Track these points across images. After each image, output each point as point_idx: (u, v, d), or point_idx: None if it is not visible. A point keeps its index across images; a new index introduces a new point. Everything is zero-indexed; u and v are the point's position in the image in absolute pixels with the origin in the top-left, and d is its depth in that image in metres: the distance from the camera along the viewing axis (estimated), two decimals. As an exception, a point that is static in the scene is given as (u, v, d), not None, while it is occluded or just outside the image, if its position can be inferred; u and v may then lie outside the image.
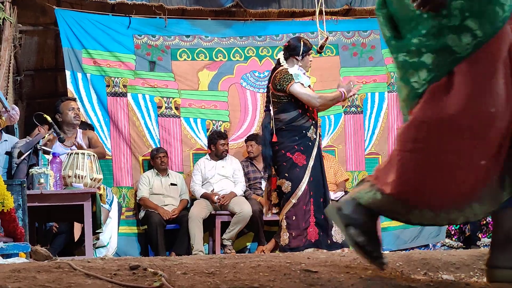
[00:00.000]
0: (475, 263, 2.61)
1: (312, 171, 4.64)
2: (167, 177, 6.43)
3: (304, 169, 4.61)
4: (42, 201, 4.34)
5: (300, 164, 4.63)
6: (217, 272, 2.22)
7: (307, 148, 4.66)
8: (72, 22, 6.51)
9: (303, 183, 4.59)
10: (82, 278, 2.17)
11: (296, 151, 4.64)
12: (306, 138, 4.67)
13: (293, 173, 4.63)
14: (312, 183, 4.63)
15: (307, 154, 4.64)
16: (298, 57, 4.76)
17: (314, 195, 4.62)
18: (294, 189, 4.60)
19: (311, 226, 4.57)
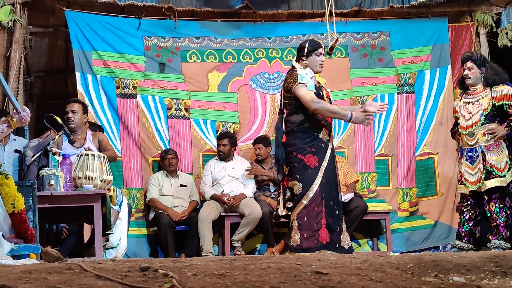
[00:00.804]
0: (486, 265, 2.59)
1: (325, 172, 4.63)
2: (176, 179, 6.43)
3: (316, 170, 4.60)
4: (52, 203, 4.35)
5: (312, 166, 4.62)
6: (228, 273, 2.22)
7: (319, 150, 4.65)
8: (82, 23, 6.53)
9: (315, 184, 4.59)
10: (93, 279, 2.18)
11: (308, 153, 4.64)
12: (318, 140, 4.66)
13: (305, 175, 4.64)
14: (325, 185, 4.62)
15: (320, 155, 4.63)
16: (304, 57, 4.79)
17: (325, 197, 4.61)
18: (305, 191, 4.59)
19: (323, 228, 4.57)
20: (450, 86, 7.09)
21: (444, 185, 6.93)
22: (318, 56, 4.80)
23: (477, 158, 5.25)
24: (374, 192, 6.86)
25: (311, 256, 2.84)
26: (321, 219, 4.58)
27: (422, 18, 7.22)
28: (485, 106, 5.25)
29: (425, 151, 7.01)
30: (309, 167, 4.63)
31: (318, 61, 4.80)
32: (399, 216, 6.84)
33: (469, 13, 7.25)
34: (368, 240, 6.75)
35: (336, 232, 4.61)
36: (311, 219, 4.56)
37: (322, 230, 4.57)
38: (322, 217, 4.58)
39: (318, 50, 4.80)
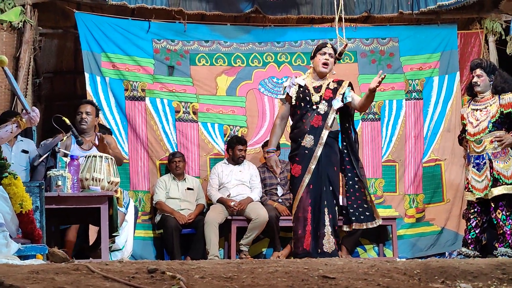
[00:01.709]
0: (493, 272, 2.58)
1: (312, 179, 4.63)
2: (183, 182, 6.44)
3: (300, 179, 4.65)
4: (59, 204, 4.35)
5: (296, 175, 4.70)
6: (235, 276, 2.22)
7: (303, 157, 4.67)
8: (92, 25, 6.56)
9: (298, 193, 4.65)
10: (100, 281, 2.18)
11: (294, 162, 4.73)
12: (301, 148, 4.69)
13: (292, 184, 4.78)
14: (312, 190, 4.63)
15: (304, 163, 4.66)
16: (312, 60, 4.85)
17: (312, 202, 4.62)
18: (293, 199, 4.72)
19: (307, 235, 4.59)
20: (458, 93, 7.07)
21: (451, 191, 6.91)
22: (322, 55, 4.77)
23: (484, 165, 5.23)
24: (381, 198, 6.85)
25: (318, 261, 2.83)
26: (306, 225, 4.60)
27: (431, 25, 7.22)
28: (493, 114, 5.24)
29: (432, 157, 6.99)
30: (294, 176, 4.72)
31: (321, 61, 4.76)
32: (405, 222, 6.82)
33: (478, 21, 7.24)
34: (374, 246, 6.73)
35: (318, 237, 4.60)
36: (298, 226, 4.63)
37: (306, 237, 4.59)
38: (307, 223, 4.60)
39: (322, 50, 4.79)
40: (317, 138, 4.66)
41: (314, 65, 4.81)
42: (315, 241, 4.59)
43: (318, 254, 4.49)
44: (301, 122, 4.72)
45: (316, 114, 4.70)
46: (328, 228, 4.61)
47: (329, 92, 4.77)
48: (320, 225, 4.60)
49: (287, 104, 4.82)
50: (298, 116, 4.74)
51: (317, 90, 4.77)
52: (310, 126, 4.68)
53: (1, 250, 3.19)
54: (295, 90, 4.76)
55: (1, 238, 3.23)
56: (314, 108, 4.71)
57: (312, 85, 4.79)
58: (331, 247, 4.60)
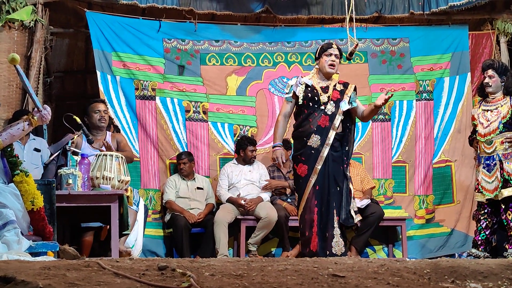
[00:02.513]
0: (503, 273, 2.58)
1: (319, 180, 4.60)
2: (193, 181, 6.45)
3: (306, 179, 4.62)
4: (70, 202, 4.36)
5: (302, 175, 4.66)
6: (245, 274, 2.22)
7: (309, 157, 4.64)
8: (102, 25, 6.59)
9: (305, 194, 4.62)
10: (111, 277, 2.19)
11: (299, 162, 4.69)
12: (307, 147, 4.66)
13: (297, 185, 4.75)
14: (318, 191, 4.61)
15: (309, 163, 4.63)
16: (317, 60, 4.84)
17: (318, 204, 4.60)
18: (299, 200, 4.68)
19: (314, 236, 4.57)
20: (469, 94, 7.04)
21: (461, 193, 6.88)
22: (328, 56, 4.75)
23: (495, 166, 5.21)
24: (390, 199, 6.84)
25: (328, 259, 2.83)
26: (313, 227, 4.57)
27: (443, 26, 7.19)
28: (504, 114, 5.22)
29: (442, 158, 6.97)
30: (300, 176, 4.68)
31: (327, 62, 4.75)
32: (415, 223, 6.80)
33: (489, 21, 7.21)
34: (383, 246, 6.72)
35: (327, 238, 4.57)
36: (305, 227, 4.61)
37: (313, 238, 4.56)
38: (314, 225, 4.57)
39: (327, 51, 4.77)
40: (323, 139, 4.65)
41: (320, 66, 4.80)
42: (323, 242, 4.57)
43: (326, 256, 4.42)
44: (307, 121, 4.70)
45: (324, 114, 4.69)
46: (337, 230, 4.59)
47: (336, 93, 4.76)
48: (328, 227, 4.58)
49: (291, 103, 4.80)
50: (305, 116, 4.72)
51: (324, 90, 4.76)
52: (317, 126, 4.67)
53: (13, 247, 3.21)
54: (302, 89, 4.74)
55: (13, 235, 3.26)
56: (322, 109, 4.70)
57: (319, 85, 4.77)
58: (341, 249, 4.58)
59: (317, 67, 4.82)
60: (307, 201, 4.61)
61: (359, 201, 6.23)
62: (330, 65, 4.75)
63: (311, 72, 4.91)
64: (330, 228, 4.58)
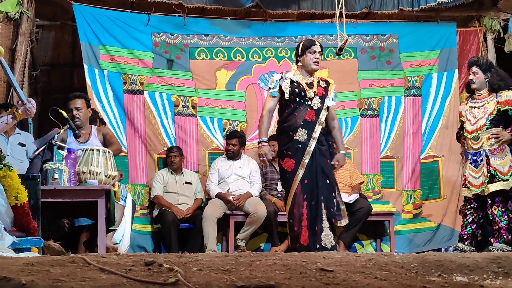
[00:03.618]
0: (489, 266, 2.60)
1: (306, 174, 4.62)
2: (181, 176, 6.42)
3: (293, 174, 4.64)
4: (56, 197, 4.30)
5: (289, 170, 4.67)
6: (233, 269, 2.20)
7: (296, 152, 4.66)
8: (90, 18, 6.52)
9: (292, 188, 4.63)
10: (97, 273, 2.16)
11: (285, 157, 4.70)
12: (294, 141, 4.68)
13: (284, 179, 4.76)
14: (307, 185, 4.63)
15: (297, 157, 4.65)
16: (299, 57, 4.85)
17: (308, 198, 4.62)
18: (287, 195, 4.70)
19: (304, 230, 4.59)
20: (457, 90, 7.09)
21: (448, 188, 6.93)
22: (313, 54, 4.79)
23: (481, 161, 5.27)
24: (378, 194, 6.86)
25: (316, 254, 2.83)
26: (302, 221, 4.59)
27: (431, 22, 7.21)
28: (490, 111, 5.27)
29: (430, 154, 7.01)
30: (287, 171, 4.69)
31: (312, 59, 4.78)
32: (402, 218, 6.84)
33: (477, 18, 7.26)
34: (371, 241, 6.74)
35: (316, 232, 4.61)
36: (294, 222, 4.62)
37: (303, 232, 4.59)
38: (303, 219, 4.59)
39: (311, 48, 4.79)
40: (310, 133, 4.68)
41: (305, 63, 4.82)
42: (313, 236, 4.60)
43: (317, 249, 4.48)
44: (293, 116, 4.73)
45: (309, 109, 4.73)
46: (326, 223, 4.62)
47: (321, 89, 4.83)
48: (317, 220, 4.61)
49: (275, 98, 4.82)
50: (290, 110, 4.75)
51: (310, 86, 4.81)
52: (303, 120, 4.70)
53: (-5, 243, 3.16)
54: (288, 84, 4.77)
55: (-5, 231, 3.21)
56: (309, 103, 4.74)
57: (303, 81, 4.82)
58: (330, 242, 4.61)
59: (300, 64, 4.85)
60: (295, 195, 4.62)
61: (348, 196, 6.25)
62: (315, 62, 4.80)
63: (293, 68, 4.92)
64: (319, 222, 4.61)
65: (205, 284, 1.97)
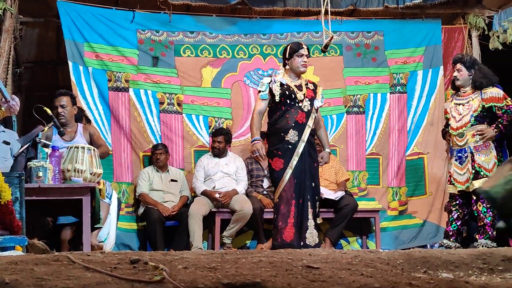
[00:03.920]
0: (474, 262, 2.62)
1: (296, 174, 4.79)
2: (167, 173, 6.40)
3: (282, 173, 4.80)
4: (40, 195, 4.28)
5: (277, 169, 4.84)
6: (219, 267, 2.20)
7: (286, 152, 4.83)
8: (74, 15, 6.47)
9: (279, 187, 4.80)
10: (81, 271, 2.15)
11: (275, 156, 4.87)
12: (284, 142, 4.84)
13: (273, 178, 4.94)
14: (296, 185, 4.79)
15: (286, 157, 4.81)
16: (287, 60, 5.00)
17: (296, 197, 4.78)
18: (274, 192, 4.87)
19: (289, 227, 4.74)
20: (442, 87, 7.12)
21: (433, 185, 6.97)
22: (300, 57, 4.95)
23: (466, 158, 5.31)
24: (364, 191, 6.88)
25: (302, 251, 2.83)
26: (289, 218, 4.75)
27: (416, 19, 7.24)
28: (475, 108, 5.32)
29: (415, 151, 7.04)
30: (275, 170, 4.86)
31: (300, 62, 4.95)
32: (388, 214, 6.86)
33: (462, 16, 7.30)
34: (357, 238, 6.76)
35: (302, 229, 4.77)
36: (279, 218, 4.78)
37: (287, 229, 4.74)
38: (290, 216, 4.75)
39: (299, 52, 4.96)
40: (300, 134, 4.86)
41: (293, 66, 4.98)
42: (299, 233, 4.74)
43: (301, 246, 4.63)
44: (284, 118, 4.89)
45: (300, 111, 4.90)
46: (311, 221, 4.80)
47: (310, 91, 5.01)
48: (303, 218, 4.77)
49: (266, 101, 4.96)
50: (281, 112, 4.91)
51: (299, 88, 4.97)
52: (294, 121, 4.87)
53: (-21, 241, 3.13)
54: (278, 87, 4.91)
55: (-21, 229, 3.18)
56: (299, 106, 4.90)
57: (292, 83, 4.97)
58: (314, 240, 4.80)
59: (288, 67, 4.99)
60: (283, 193, 4.78)
61: (334, 193, 6.26)
62: (303, 65, 4.96)
63: (281, 71, 5.07)
64: (305, 220, 4.78)
65: (190, 282, 1.96)
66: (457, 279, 2.29)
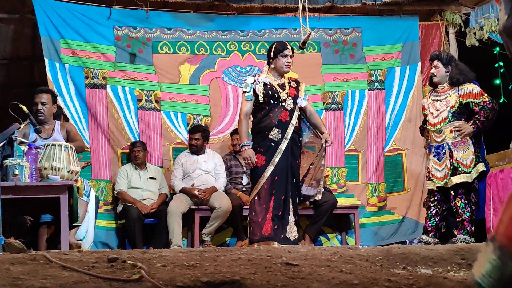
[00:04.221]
0: (452, 258, 2.64)
1: (277, 169, 4.89)
2: (145, 171, 6.36)
3: (263, 169, 4.90)
4: (17, 194, 4.22)
5: (259, 165, 4.93)
6: (198, 264, 2.18)
7: (268, 149, 4.94)
8: (50, 11, 6.39)
9: (259, 182, 4.90)
10: (59, 270, 2.12)
11: (257, 153, 4.95)
12: (267, 140, 4.95)
13: (253, 173, 5.02)
14: (276, 182, 4.89)
15: (268, 155, 4.92)
16: (271, 60, 5.08)
17: (276, 193, 4.88)
18: (252, 188, 4.96)
19: (268, 221, 4.84)
20: (419, 84, 7.17)
21: (412, 181, 7.02)
22: (284, 57, 5.05)
23: (444, 154, 5.36)
24: (343, 187, 6.91)
25: (281, 248, 2.83)
26: (268, 213, 4.85)
27: (394, 16, 7.28)
28: (452, 104, 5.37)
29: (393, 147, 7.08)
30: (256, 166, 4.95)
31: (284, 63, 5.05)
32: (367, 211, 6.90)
33: (439, 12, 7.35)
34: (337, 234, 6.79)
35: (281, 224, 4.87)
36: (258, 214, 4.88)
37: (266, 223, 4.84)
38: (269, 211, 4.85)
39: (284, 52, 5.05)
40: (283, 132, 4.96)
41: (277, 65, 5.06)
42: (279, 227, 4.84)
43: (280, 240, 4.77)
44: (268, 117, 4.98)
45: (284, 109, 5.00)
46: (292, 217, 4.91)
47: (292, 90, 5.11)
48: (284, 213, 4.88)
49: (251, 101, 5.02)
50: (265, 112, 5.00)
51: (282, 87, 5.07)
52: (278, 120, 4.96)
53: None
54: (261, 87, 4.99)
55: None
56: (283, 105, 5.00)
57: (275, 83, 5.07)
58: (294, 235, 4.90)
59: (273, 66, 5.07)
60: (262, 190, 4.87)
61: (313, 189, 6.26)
62: (287, 65, 5.06)
63: (265, 70, 5.15)
64: (286, 215, 4.90)
65: (169, 280, 1.95)
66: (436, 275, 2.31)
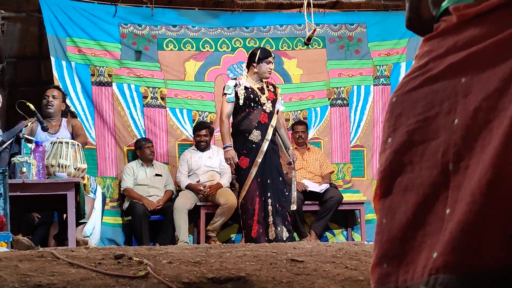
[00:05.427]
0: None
1: (260, 171, 5.03)
2: (152, 168, 6.38)
3: (247, 171, 5.03)
4: (24, 191, 4.25)
5: (244, 167, 5.07)
6: (203, 261, 2.20)
7: (250, 151, 5.07)
8: (56, 9, 6.42)
9: (246, 184, 5.02)
10: (66, 267, 2.14)
11: (241, 155, 5.08)
12: (248, 141, 5.09)
13: (239, 176, 5.16)
14: (260, 183, 5.01)
15: (251, 156, 5.05)
16: (254, 64, 5.19)
17: (259, 194, 5.00)
18: (240, 190, 5.08)
19: (254, 224, 4.99)
20: (425, 79, 7.15)
21: (416, 177, 7.00)
22: (268, 64, 5.19)
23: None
24: (349, 183, 6.91)
25: (287, 244, 2.84)
26: (254, 216, 4.98)
27: (399, 11, 7.25)
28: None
29: (399, 143, 7.06)
30: (242, 168, 5.08)
31: (267, 69, 5.18)
32: (373, 206, 6.89)
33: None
34: (342, 230, 6.80)
35: (268, 225, 4.99)
36: (247, 216, 5.02)
37: (254, 226, 4.99)
38: (255, 213, 4.98)
39: (268, 59, 5.20)
40: (263, 134, 5.10)
41: (261, 70, 5.19)
42: (265, 228, 4.99)
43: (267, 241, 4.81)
44: (248, 119, 5.12)
45: (263, 112, 5.15)
46: (271, 218, 5.03)
47: (271, 93, 5.26)
48: (265, 215, 5.01)
49: (232, 103, 5.16)
50: (245, 114, 5.15)
51: (262, 91, 5.21)
52: (257, 122, 5.10)
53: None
54: (242, 91, 5.13)
55: (-37, 226, 3.16)
56: (262, 108, 5.15)
57: (255, 86, 5.21)
58: (286, 234, 5.01)
59: (255, 71, 5.20)
60: (248, 191, 5.01)
61: (318, 185, 6.28)
62: (269, 72, 5.24)
63: (244, 73, 5.28)
64: (272, 215, 5.02)
65: (175, 276, 1.97)
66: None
